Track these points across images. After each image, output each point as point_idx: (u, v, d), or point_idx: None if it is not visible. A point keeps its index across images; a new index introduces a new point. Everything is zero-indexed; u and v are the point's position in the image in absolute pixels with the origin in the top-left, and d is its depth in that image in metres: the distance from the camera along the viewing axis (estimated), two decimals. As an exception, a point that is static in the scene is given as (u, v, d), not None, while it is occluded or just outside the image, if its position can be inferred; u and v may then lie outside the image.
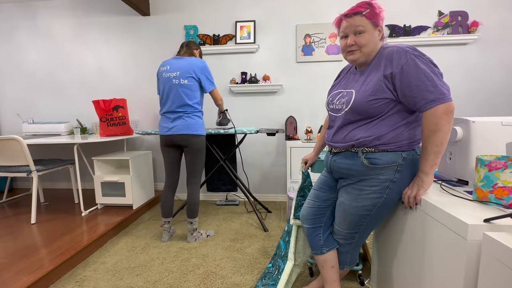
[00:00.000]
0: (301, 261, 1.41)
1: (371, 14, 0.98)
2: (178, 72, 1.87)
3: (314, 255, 1.27)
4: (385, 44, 1.04)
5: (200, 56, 2.08)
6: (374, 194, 1.03)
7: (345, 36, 1.05)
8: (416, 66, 0.91)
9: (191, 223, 2.01)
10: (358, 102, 1.01)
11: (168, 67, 1.91)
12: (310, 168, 1.49)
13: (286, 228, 1.60)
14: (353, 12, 1.00)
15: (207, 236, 2.12)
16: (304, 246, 1.42)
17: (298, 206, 1.43)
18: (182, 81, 1.86)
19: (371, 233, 1.40)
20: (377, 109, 0.99)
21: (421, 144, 1.04)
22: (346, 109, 1.05)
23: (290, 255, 1.39)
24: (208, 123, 2.99)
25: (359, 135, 1.03)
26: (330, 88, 1.24)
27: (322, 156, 1.64)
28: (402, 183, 1.02)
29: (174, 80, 1.87)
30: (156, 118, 3.10)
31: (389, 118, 1.00)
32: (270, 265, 1.59)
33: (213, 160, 2.82)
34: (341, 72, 1.23)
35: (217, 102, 2.04)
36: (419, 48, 2.66)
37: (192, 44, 2.02)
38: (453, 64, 2.66)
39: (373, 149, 1.01)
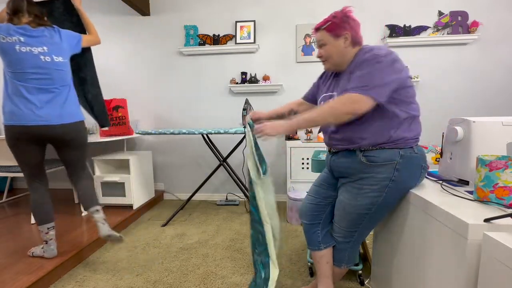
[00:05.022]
0: (273, 222, 1.31)
1: (332, 26, 1.05)
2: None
3: (311, 250, 1.28)
4: (365, 46, 1.05)
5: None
6: (374, 193, 1.03)
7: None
8: (373, 64, 0.96)
9: (97, 210, 1.71)
10: None
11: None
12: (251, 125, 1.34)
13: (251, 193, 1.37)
14: (316, 28, 1.11)
15: (120, 237, 1.79)
16: (271, 206, 1.31)
17: (262, 161, 1.29)
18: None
19: (371, 232, 1.40)
20: None
21: (418, 142, 1.06)
22: None
23: (264, 218, 1.26)
24: (208, 122, 2.99)
25: (355, 135, 1.04)
26: (315, 88, 1.28)
27: (323, 156, 1.64)
28: (402, 182, 1.02)
29: None
30: (156, 118, 3.10)
31: (379, 117, 1.01)
32: (252, 231, 1.41)
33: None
34: (323, 73, 1.27)
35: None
36: (419, 48, 2.67)
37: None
38: (453, 64, 2.66)
39: (370, 147, 1.03)
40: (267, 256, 1.28)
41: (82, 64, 1.90)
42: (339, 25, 1.04)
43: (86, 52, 1.91)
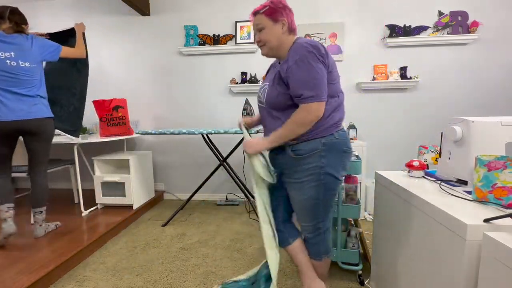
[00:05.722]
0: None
1: (270, 11, 1.08)
2: None
3: (284, 247, 1.30)
4: (299, 38, 1.10)
5: None
6: (313, 182, 1.09)
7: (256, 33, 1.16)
8: (308, 62, 1.00)
9: (41, 212, 1.92)
10: (269, 95, 1.12)
11: None
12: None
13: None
14: (254, 12, 1.12)
15: (56, 226, 2.08)
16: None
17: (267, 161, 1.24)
18: None
19: (371, 233, 1.40)
20: (281, 101, 1.08)
21: (340, 128, 1.12)
22: (264, 103, 1.15)
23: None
24: (208, 122, 2.99)
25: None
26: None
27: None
28: (331, 166, 1.09)
29: None
30: (156, 118, 3.10)
31: (293, 112, 1.05)
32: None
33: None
34: (271, 65, 1.29)
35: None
36: (419, 48, 2.67)
37: None
38: (453, 64, 2.66)
39: (295, 141, 1.09)
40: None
41: (77, 84, 2.30)
42: (277, 10, 1.08)
43: (83, 73, 2.30)
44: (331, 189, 1.12)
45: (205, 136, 2.47)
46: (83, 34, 2.22)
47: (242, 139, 2.46)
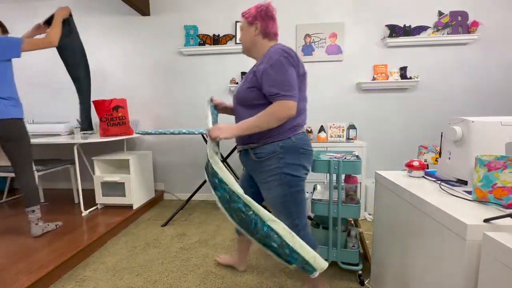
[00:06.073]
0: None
1: (248, 14, 1.20)
2: None
3: (238, 234, 1.50)
4: (277, 44, 1.18)
5: None
6: (275, 182, 1.17)
7: None
8: (282, 65, 1.08)
9: (33, 211, 1.92)
10: (240, 90, 1.20)
11: None
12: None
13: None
14: (241, 14, 1.24)
15: (56, 226, 2.08)
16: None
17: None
18: None
19: (371, 232, 1.40)
20: (250, 96, 1.15)
21: (299, 131, 1.18)
22: (235, 97, 1.24)
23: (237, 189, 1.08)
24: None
25: (242, 135, 1.15)
26: None
27: (323, 156, 1.64)
28: (289, 166, 1.15)
29: None
30: (156, 118, 3.10)
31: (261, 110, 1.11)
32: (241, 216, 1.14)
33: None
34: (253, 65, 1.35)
35: None
36: (419, 48, 2.67)
37: None
38: (453, 64, 2.66)
39: (257, 144, 1.17)
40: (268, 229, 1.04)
41: (85, 84, 2.30)
42: (253, 14, 1.18)
43: (87, 66, 2.31)
44: (294, 187, 1.18)
45: (205, 136, 2.47)
46: (67, 20, 2.04)
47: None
